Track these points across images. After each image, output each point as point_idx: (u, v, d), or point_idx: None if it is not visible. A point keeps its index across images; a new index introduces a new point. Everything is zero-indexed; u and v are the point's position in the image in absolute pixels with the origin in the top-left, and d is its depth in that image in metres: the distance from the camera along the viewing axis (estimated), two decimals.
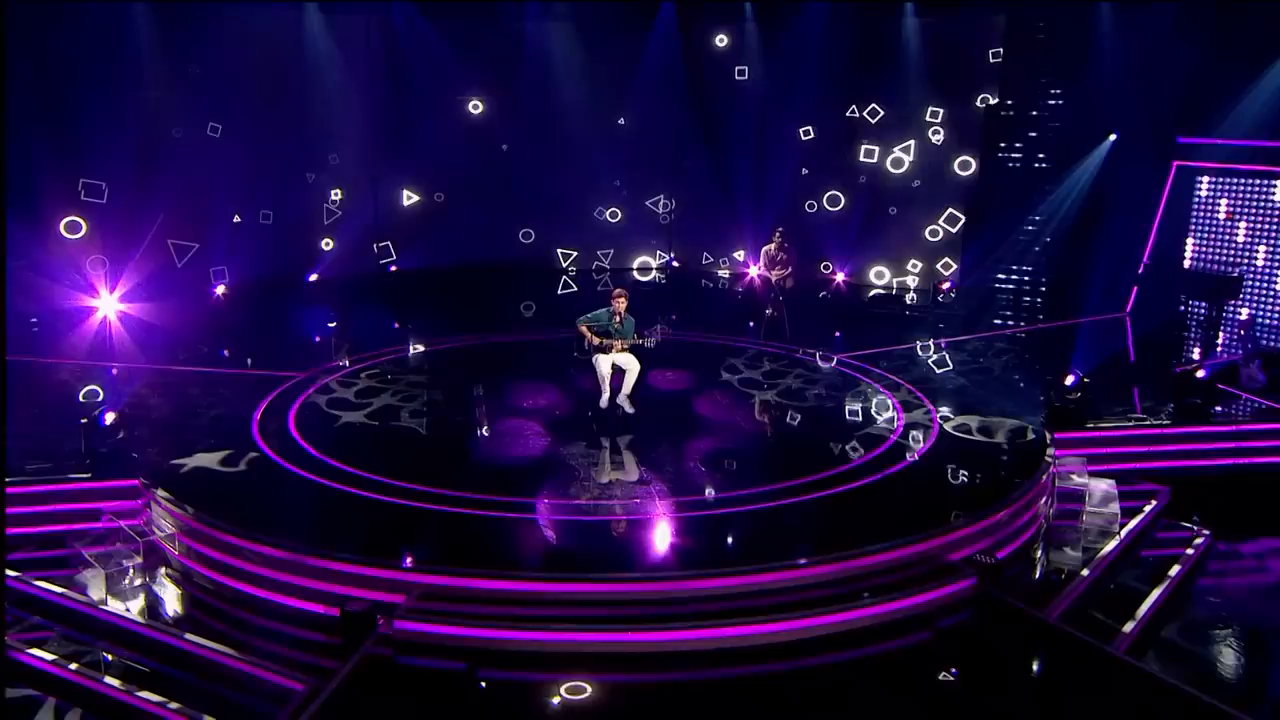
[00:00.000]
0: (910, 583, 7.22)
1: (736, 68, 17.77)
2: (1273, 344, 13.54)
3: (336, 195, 17.05)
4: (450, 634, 6.55)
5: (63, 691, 6.45)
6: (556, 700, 6.16)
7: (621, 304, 10.21)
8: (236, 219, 15.77)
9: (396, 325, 14.72)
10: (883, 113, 17.19)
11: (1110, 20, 15.03)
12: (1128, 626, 7.27)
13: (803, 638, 6.79)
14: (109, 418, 8.73)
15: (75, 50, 13.52)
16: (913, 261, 17.56)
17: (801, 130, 17.49)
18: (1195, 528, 9.02)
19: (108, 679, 6.52)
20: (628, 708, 6.25)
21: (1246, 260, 14.42)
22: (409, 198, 17.75)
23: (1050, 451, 9.42)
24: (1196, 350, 13.85)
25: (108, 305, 14.29)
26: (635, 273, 18.80)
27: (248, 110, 15.39)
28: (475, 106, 17.68)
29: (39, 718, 6.18)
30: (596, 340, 10.19)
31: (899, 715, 6.22)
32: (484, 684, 6.29)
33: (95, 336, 13.30)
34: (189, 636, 6.84)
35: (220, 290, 15.51)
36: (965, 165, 16.87)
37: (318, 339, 13.79)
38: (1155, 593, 7.81)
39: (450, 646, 6.53)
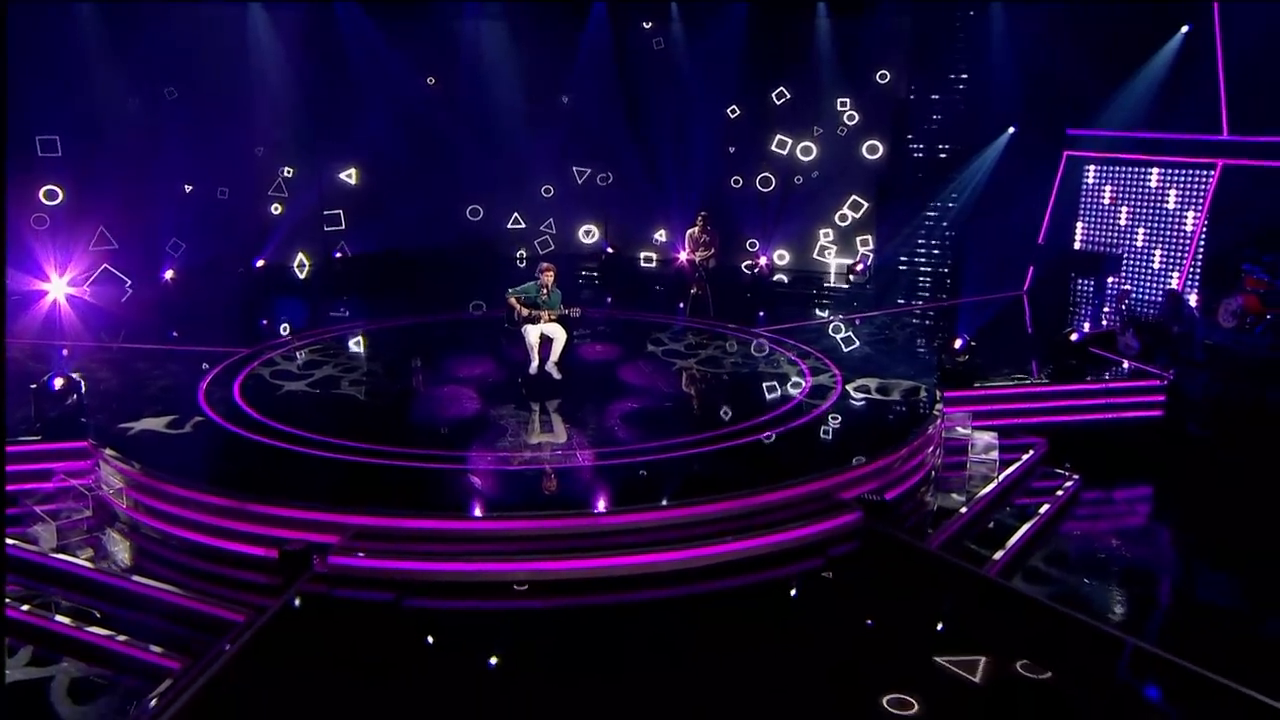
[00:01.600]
0: (805, 517, 7.71)
1: (654, 39, 18.06)
2: (1146, 314, 14.35)
3: (288, 173, 17.05)
4: (380, 568, 6.89)
5: (12, 631, 6.63)
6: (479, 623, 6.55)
7: (549, 277, 10.58)
8: (188, 188, 15.74)
9: (344, 310, 14.89)
10: (794, 102, 17.67)
11: (1003, 20, 15.75)
12: (998, 555, 7.83)
13: (712, 564, 7.25)
14: (58, 383, 8.86)
15: (20, 38, 13.46)
16: (824, 230, 18.03)
17: (729, 110, 17.89)
18: (1066, 473, 9.65)
19: (58, 618, 6.74)
20: (546, 630, 6.65)
21: (1128, 241, 15.24)
22: (350, 176, 17.78)
23: (939, 407, 10.00)
24: (1087, 324, 14.62)
25: (58, 289, 14.30)
26: (581, 237, 19.07)
27: (194, 95, 15.39)
28: (430, 80, 17.80)
29: None
30: (525, 311, 10.55)
31: (795, 627, 6.73)
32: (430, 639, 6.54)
33: (46, 319, 13.33)
34: (136, 578, 7.09)
35: (169, 275, 15.53)
36: (874, 150, 17.43)
37: (265, 322, 13.90)
38: (1024, 527, 8.40)
39: (380, 579, 6.87)
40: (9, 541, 7.52)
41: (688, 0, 17.72)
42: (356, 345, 12.71)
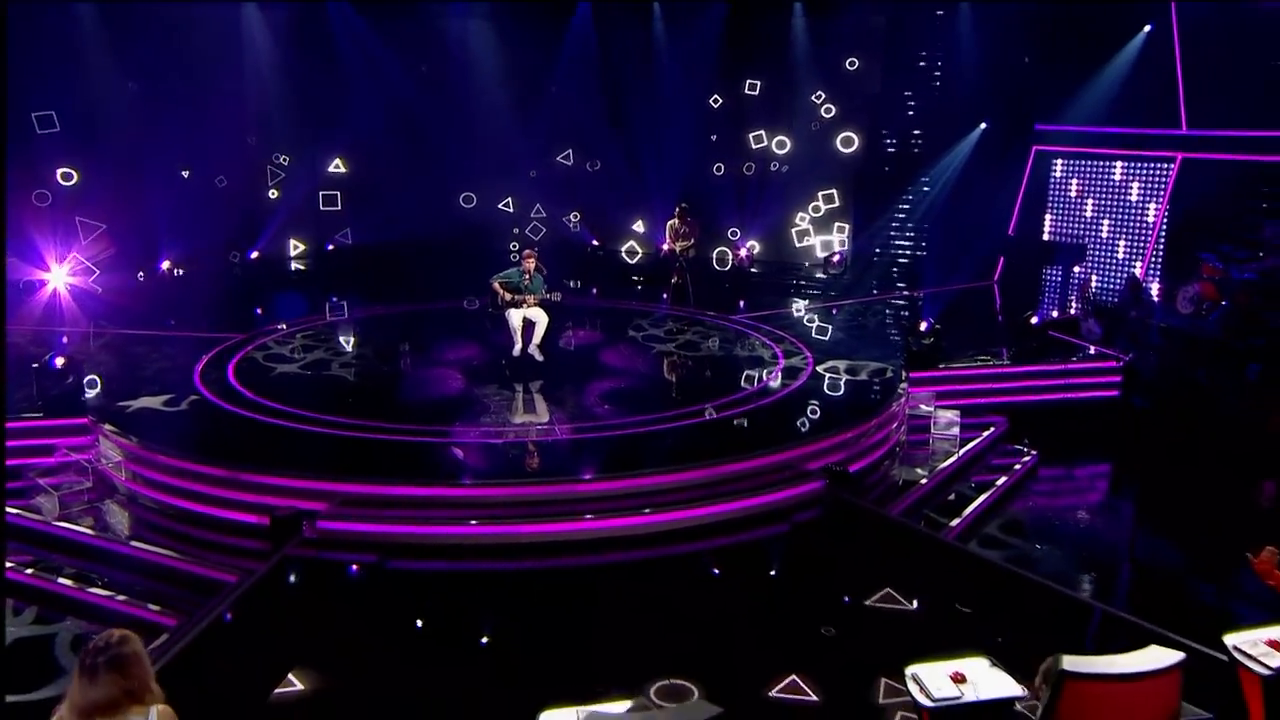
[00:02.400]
0: (772, 484, 8.03)
1: (638, 38, 18.30)
2: (1108, 301, 14.69)
3: (284, 160, 17.24)
4: (365, 531, 7.18)
5: (17, 593, 6.88)
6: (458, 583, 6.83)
7: (531, 263, 10.85)
8: (185, 173, 15.92)
9: (338, 298, 15.09)
10: (772, 97, 17.91)
11: (971, 20, 16.06)
12: (954, 522, 8.14)
13: (685, 526, 7.60)
14: (59, 362, 9.09)
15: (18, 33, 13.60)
16: (801, 217, 18.33)
17: (711, 99, 18.17)
18: (1024, 449, 9.96)
19: (61, 580, 7.00)
20: (521, 589, 6.94)
21: (1093, 232, 15.58)
22: (339, 166, 17.99)
23: (903, 386, 10.30)
24: (1056, 311, 14.93)
25: (58, 278, 14.48)
26: (568, 223, 19.32)
27: (187, 90, 15.57)
28: (423, 67, 18.01)
29: None
30: (509, 296, 10.82)
31: (762, 585, 7.08)
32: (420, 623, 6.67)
33: (46, 307, 13.53)
34: (134, 543, 7.35)
35: (165, 265, 15.73)
36: (849, 142, 17.70)
37: (260, 311, 14.09)
38: (981, 498, 8.70)
39: (365, 543, 7.16)
40: (13, 511, 7.77)
41: (670, 0, 17.99)
42: (347, 332, 12.95)
